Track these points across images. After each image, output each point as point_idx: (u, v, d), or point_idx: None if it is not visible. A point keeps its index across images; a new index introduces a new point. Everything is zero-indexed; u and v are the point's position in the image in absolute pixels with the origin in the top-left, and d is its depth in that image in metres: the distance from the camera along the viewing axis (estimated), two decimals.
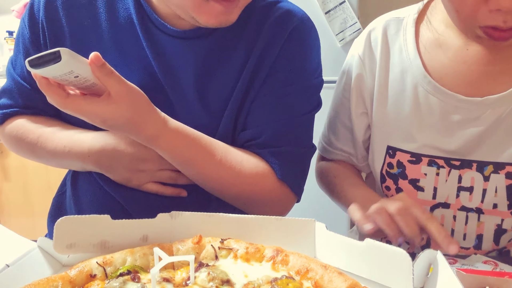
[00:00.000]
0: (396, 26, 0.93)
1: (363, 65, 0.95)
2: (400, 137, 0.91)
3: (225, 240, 0.62)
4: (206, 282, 0.54)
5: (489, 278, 0.62)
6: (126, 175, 0.81)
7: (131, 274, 0.56)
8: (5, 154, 2.47)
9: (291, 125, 0.85)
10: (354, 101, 0.96)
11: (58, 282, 0.53)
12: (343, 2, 2.14)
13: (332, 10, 2.15)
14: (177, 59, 0.83)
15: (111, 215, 0.79)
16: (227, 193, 0.84)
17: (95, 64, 0.65)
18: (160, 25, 0.83)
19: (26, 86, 0.87)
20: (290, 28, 0.84)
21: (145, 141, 0.76)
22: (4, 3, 2.82)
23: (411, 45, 0.90)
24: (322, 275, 0.55)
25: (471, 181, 0.87)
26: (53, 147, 0.84)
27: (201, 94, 0.84)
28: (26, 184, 2.51)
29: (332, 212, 1.96)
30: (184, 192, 0.84)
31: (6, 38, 2.84)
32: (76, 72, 0.64)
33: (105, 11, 0.84)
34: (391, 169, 0.93)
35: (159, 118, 0.76)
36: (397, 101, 0.91)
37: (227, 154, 0.81)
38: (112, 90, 0.68)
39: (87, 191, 0.89)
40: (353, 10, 2.14)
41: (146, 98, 0.74)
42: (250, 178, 0.82)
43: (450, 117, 0.87)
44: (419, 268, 0.55)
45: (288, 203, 0.88)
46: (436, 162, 0.89)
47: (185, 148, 0.78)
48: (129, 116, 0.71)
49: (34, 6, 0.86)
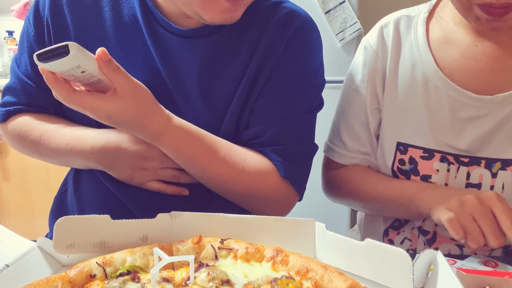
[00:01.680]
0: (407, 23, 0.94)
1: (378, 59, 0.95)
2: (410, 133, 0.91)
3: (225, 240, 0.62)
4: (206, 282, 0.54)
5: (489, 278, 0.62)
6: (129, 173, 0.81)
7: (131, 274, 0.56)
8: (5, 154, 2.47)
9: (294, 124, 0.85)
10: (369, 96, 0.95)
11: (57, 282, 0.53)
12: (343, 2, 2.13)
13: (332, 10, 2.15)
14: (181, 58, 0.83)
15: (112, 213, 0.80)
16: (231, 191, 0.84)
17: (102, 59, 0.65)
18: (164, 24, 0.83)
19: (30, 84, 0.88)
20: (293, 28, 0.85)
21: (150, 138, 0.77)
22: (4, 3, 2.82)
23: (422, 42, 0.91)
24: (322, 275, 0.55)
25: (479, 178, 0.88)
26: (56, 144, 0.84)
27: (205, 92, 0.84)
28: (26, 184, 2.51)
29: (332, 212, 1.96)
30: (186, 191, 0.84)
31: (6, 38, 2.84)
32: (83, 67, 0.64)
33: (109, 10, 0.85)
34: (402, 165, 0.93)
35: (164, 115, 0.76)
36: (407, 96, 0.92)
37: (230, 151, 0.82)
38: (118, 86, 0.69)
39: (89, 189, 0.89)
40: (353, 10, 2.14)
41: (151, 95, 0.75)
42: (253, 176, 0.82)
43: (459, 114, 0.88)
44: (419, 268, 0.55)
45: (290, 201, 0.88)
46: (447, 158, 0.89)
47: (189, 145, 0.78)
48: (135, 112, 0.72)
49: (39, 4, 0.87)
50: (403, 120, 0.93)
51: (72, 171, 0.94)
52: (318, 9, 2.13)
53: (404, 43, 0.94)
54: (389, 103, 0.94)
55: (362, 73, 0.96)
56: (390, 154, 0.94)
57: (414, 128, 0.91)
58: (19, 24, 2.79)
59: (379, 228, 1.00)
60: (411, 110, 0.92)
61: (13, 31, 2.84)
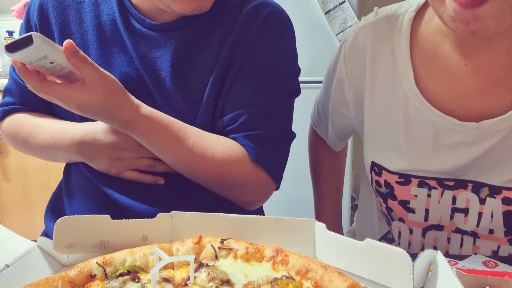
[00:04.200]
0: (390, 24, 0.84)
1: (346, 69, 0.89)
2: (386, 155, 0.85)
3: (225, 240, 0.62)
4: (206, 282, 0.54)
5: (489, 278, 0.62)
6: (106, 164, 0.84)
7: (131, 274, 0.56)
8: (5, 154, 2.47)
9: (266, 110, 0.87)
10: (334, 100, 0.94)
11: (58, 282, 0.53)
12: (343, 2, 2.13)
13: (332, 10, 2.15)
14: (156, 51, 0.87)
15: (97, 204, 0.83)
16: (203, 178, 0.85)
17: (69, 50, 0.68)
18: (140, 20, 0.87)
19: (22, 83, 0.91)
20: (263, 17, 0.87)
21: (121, 127, 0.79)
22: (4, 3, 2.82)
23: (404, 52, 0.81)
24: (322, 275, 0.55)
25: (466, 202, 0.81)
26: (42, 139, 0.88)
27: (180, 84, 0.86)
28: (26, 184, 2.51)
29: None
30: (162, 180, 0.87)
31: (6, 38, 2.84)
32: (51, 58, 0.67)
33: (90, 11, 0.90)
34: (379, 187, 0.88)
35: (133, 104, 0.79)
36: (385, 111, 0.84)
37: (201, 139, 0.83)
38: (86, 76, 0.72)
39: (77, 182, 0.92)
40: (353, 10, 2.14)
41: (120, 85, 0.78)
42: (223, 162, 0.83)
43: (443, 139, 0.80)
44: (419, 268, 0.55)
45: (266, 189, 0.89)
46: (427, 183, 0.82)
47: (159, 133, 0.81)
48: (103, 101, 0.74)
49: (30, 10, 0.93)
50: (380, 139, 0.85)
51: (65, 165, 0.98)
52: (318, 9, 2.12)
53: (383, 46, 0.84)
54: (370, 115, 0.87)
55: (333, 72, 0.94)
56: (368, 172, 0.90)
57: (390, 149, 0.84)
58: (19, 24, 2.78)
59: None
60: (388, 128, 0.84)
61: (13, 31, 2.84)
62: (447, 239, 0.85)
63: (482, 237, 0.82)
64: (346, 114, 0.93)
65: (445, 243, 0.85)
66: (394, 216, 0.89)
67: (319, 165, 1.13)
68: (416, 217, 0.85)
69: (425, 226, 0.86)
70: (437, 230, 0.85)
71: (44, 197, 2.44)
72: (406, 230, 0.88)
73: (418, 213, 0.85)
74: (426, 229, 0.86)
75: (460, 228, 0.83)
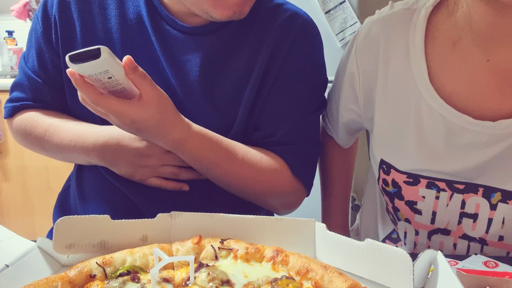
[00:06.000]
0: (405, 18, 0.80)
1: (357, 64, 0.87)
2: (396, 153, 0.83)
3: (225, 241, 0.62)
4: (206, 282, 0.54)
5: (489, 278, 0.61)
6: (129, 170, 0.83)
7: (131, 274, 0.55)
8: (5, 154, 2.47)
9: (302, 124, 0.89)
10: (344, 94, 0.92)
11: (57, 283, 0.53)
12: (343, 2, 2.13)
13: (332, 10, 2.14)
14: (185, 54, 0.85)
15: (115, 206, 0.81)
16: (250, 190, 0.86)
17: (129, 66, 0.66)
18: (170, 21, 0.85)
19: (37, 80, 0.89)
20: (296, 30, 0.87)
21: (171, 145, 0.78)
22: (4, 3, 2.82)
23: (419, 47, 0.78)
24: (322, 276, 0.55)
25: (476, 207, 0.78)
26: (59, 140, 0.85)
27: (207, 91, 0.85)
28: (26, 184, 2.51)
29: None
30: (186, 186, 0.86)
31: (5, 38, 2.83)
32: (111, 73, 0.65)
33: (115, 8, 0.87)
34: (386, 186, 0.86)
35: (184, 123, 0.78)
36: (397, 108, 0.82)
37: (247, 153, 0.84)
38: (144, 92, 0.70)
39: (91, 183, 0.90)
40: (353, 10, 2.14)
41: (172, 103, 0.76)
42: (269, 174, 0.85)
43: (455, 139, 0.76)
44: (419, 268, 0.55)
45: (300, 197, 0.92)
46: (436, 184, 0.79)
47: (209, 150, 0.80)
48: (158, 119, 0.73)
49: (48, 2, 0.88)
50: (390, 136, 0.83)
51: (75, 166, 0.96)
52: (318, 9, 2.12)
53: (397, 40, 0.80)
54: (379, 110, 0.84)
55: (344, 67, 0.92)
56: (376, 170, 0.88)
57: (400, 148, 0.81)
58: (19, 24, 2.78)
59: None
60: (399, 125, 0.81)
61: (13, 31, 2.83)
62: (453, 245, 0.83)
63: (491, 244, 0.80)
64: (355, 110, 0.91)
65: (451, 249, 0.84)
66: (400, 216, 0.89)
67: (328, 163, 1.12)
68: (422, 219, 0.83)
69: (431, 229, 0.84)
70: (443, 235, 0.83)
71: (44, 197, 2.45)
72: (412, 231, 0.88)
73: (424, 215, 0.83)
74: (432, 232, 0.84)
75: (467, 234, 0.81)
